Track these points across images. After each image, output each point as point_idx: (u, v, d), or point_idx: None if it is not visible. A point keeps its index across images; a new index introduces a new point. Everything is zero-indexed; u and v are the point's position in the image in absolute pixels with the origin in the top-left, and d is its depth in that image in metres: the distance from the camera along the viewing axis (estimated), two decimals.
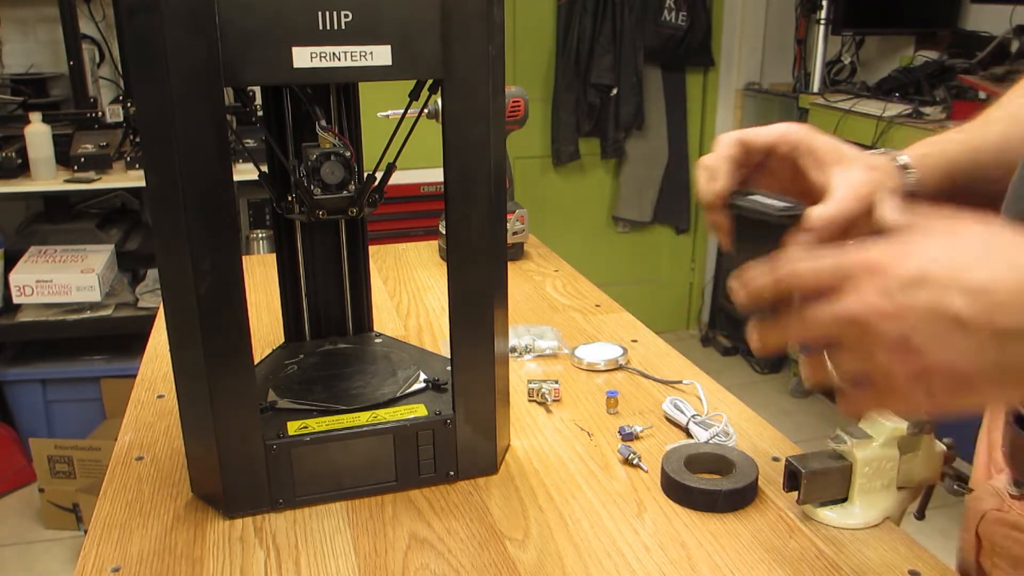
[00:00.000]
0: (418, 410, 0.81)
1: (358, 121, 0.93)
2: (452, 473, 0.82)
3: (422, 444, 0.80)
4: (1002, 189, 0.73)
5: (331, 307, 1.00)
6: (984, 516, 0.72)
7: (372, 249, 1.22)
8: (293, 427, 0.78)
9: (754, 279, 0.54)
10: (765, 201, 0.65)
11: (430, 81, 0.75)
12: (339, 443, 0.78)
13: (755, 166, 0.69)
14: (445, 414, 0.81)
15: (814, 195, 0.65)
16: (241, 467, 0.75)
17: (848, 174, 0.64)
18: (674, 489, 0.79)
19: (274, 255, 0.99)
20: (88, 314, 2.56)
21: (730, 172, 0.67)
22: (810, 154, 0.68)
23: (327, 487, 0.79)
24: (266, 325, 1.19)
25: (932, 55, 2.94)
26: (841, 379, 0.52)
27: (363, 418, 0.80)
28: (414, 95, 0.80)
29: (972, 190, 0.74)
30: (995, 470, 0.74)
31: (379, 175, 0.85)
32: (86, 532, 0.76)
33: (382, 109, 1.21)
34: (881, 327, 0.49)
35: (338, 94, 0.89)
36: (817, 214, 0.61)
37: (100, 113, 2.63)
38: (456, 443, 0.81)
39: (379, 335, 1.01)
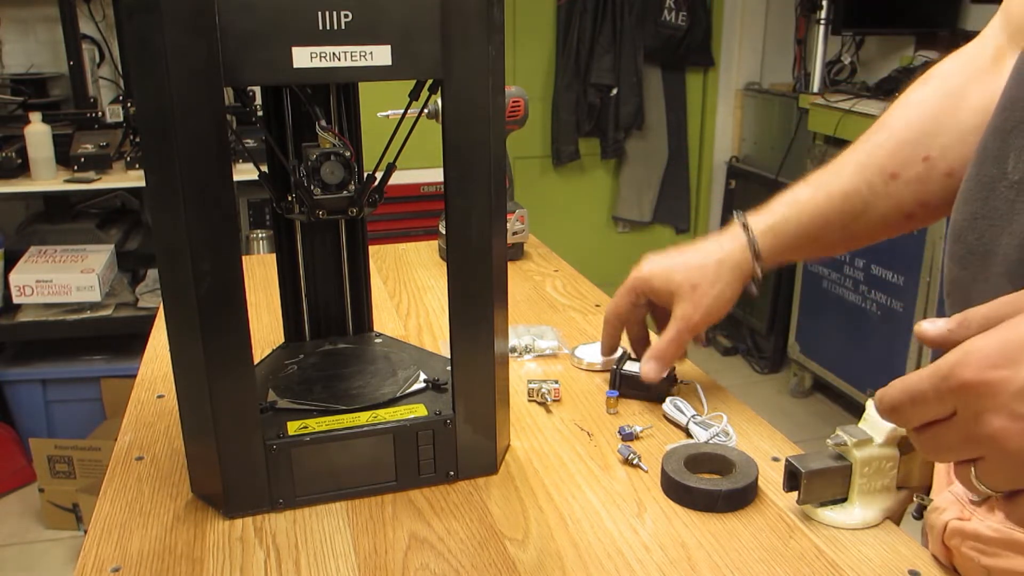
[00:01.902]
0: (418, 410, 0.81)
1: (358, 121, 0.93)
2: (452, 473, 0.82)
3: (422, 444, 0.80)
4: (853, 232, 0.85)
5: (331, 307, 1.00)
6: (947, 527, 0.69)
7: (372, 249, 1.22)
8: (293, 427, 0.78)
9: (878, 404, 0.52)
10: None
11: (430, 81, 0.75)
12: (339, 443, 0.78)
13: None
14: (445, 414, 0.81)
15: None
16: (241, 467, 0.75)
17: (675, 311, 0.90)
18: (674, 489, 0.79)
19: (274, 255, 0.99)
20: (88, 314, 2.56)
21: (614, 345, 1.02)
22: (657, 296, 0.92)
23: (327, 487, 0.79)
24: (266, 325, 1.19)
25: (932, 55, 2.94)
26: (995, 490, 0.49)
27: (363, 418, 0.80)
28: (414, 95, 0.80)
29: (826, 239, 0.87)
30: (954, 476, 0.73)
31: (379, 175, 0.85)
32: (86, 532, 0.76)
33: (382, 109, 1.21)
34: (1021, 446, 0.45)
35: (338, 94, 0.89)
36: (646, 371, 0.92)
37: (100, 113, 2.63)
38: (456, 443, 0.81)
39: (379, 335, 1.01)
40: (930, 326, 0.52)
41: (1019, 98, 0.63)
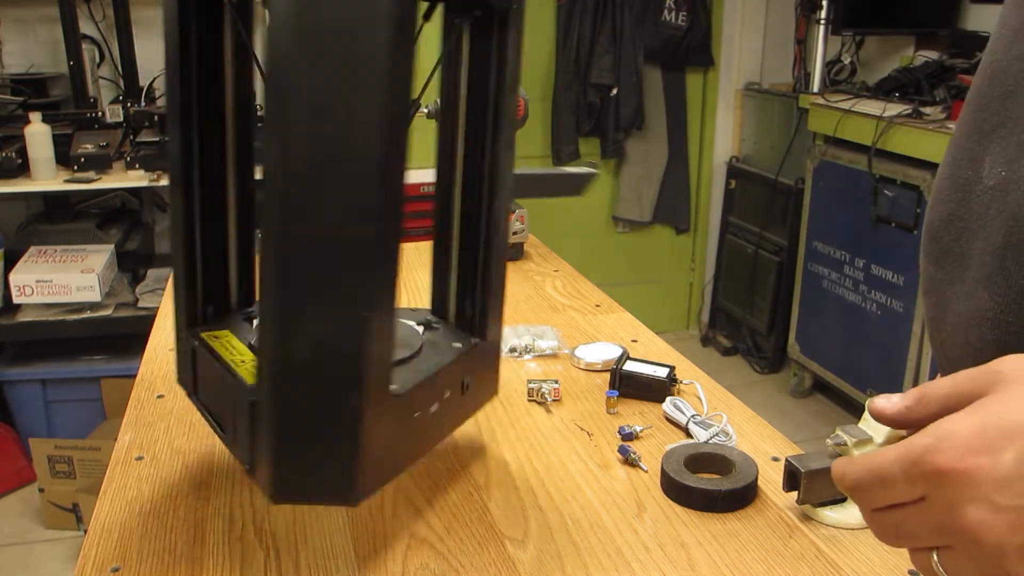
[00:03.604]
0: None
1: None
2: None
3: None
4: None
5: None
6: None
7: None
8: None
9: (838, 478, 0.49)
10: None
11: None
12: None
13: None
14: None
15: None
16: None
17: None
18: (674, 489, 0.79)
19: None
20: (88, 314, 2.56)
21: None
22: None
23: None
24: None
25: (932, 55, 2.94)
26: None
27: None
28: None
29: None
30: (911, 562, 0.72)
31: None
32: (86, 532, 0.76)
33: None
34: (1003, 541, 0.41)
35: None
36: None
37: (100, 113, 2.63)
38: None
39: None
40: (885, 402, 0.49)
41: (995, 98, 0.63)
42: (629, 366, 0.98)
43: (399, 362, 0.77)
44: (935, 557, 0.45)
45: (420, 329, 0.85)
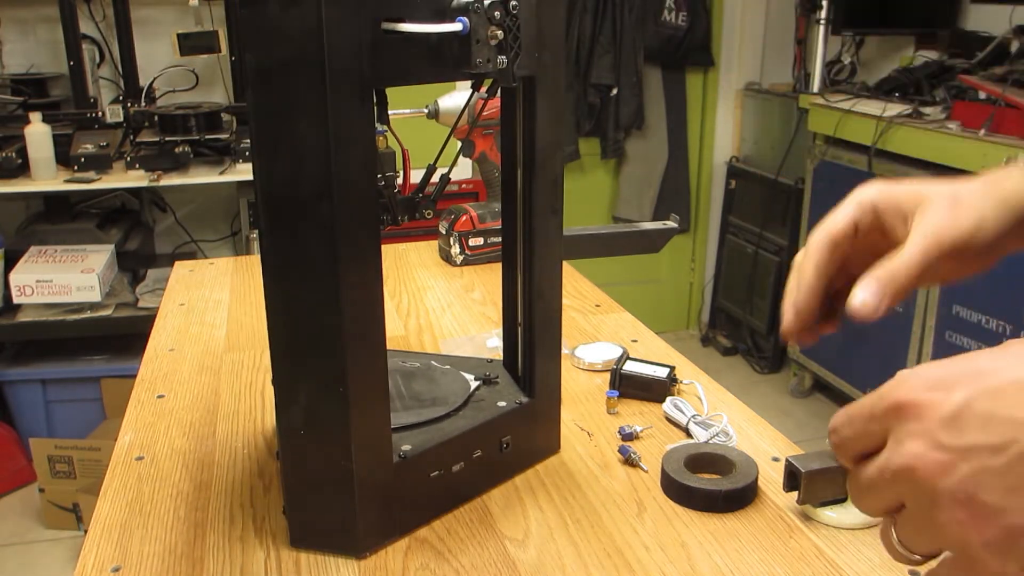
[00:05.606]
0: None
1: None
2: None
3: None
4: None
5: None
6: None
7: None
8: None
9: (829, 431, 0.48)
10: None
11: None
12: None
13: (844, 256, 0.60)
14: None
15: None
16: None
17: (922, 221, 0.55)
18: (674, 489, 0.79)
19: None
20: (88, 314, 2.56)
21: (816, 287, 0.59)
22: (891, 210, 0.59)
23: None
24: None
25: (932, 55, 2.94)
26: (916, 554, 0.43)
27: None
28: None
29: None
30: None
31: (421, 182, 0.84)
32: (86, 532, 0.76)
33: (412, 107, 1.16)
34: (934, 484, 0.39)
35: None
36: (863, 300, 0.52)
37: (100, 113, 2.63)
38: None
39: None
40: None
41: None
42: (629, 366, 0.98)
43: (428, 422, 0.79)
44: (893, 530, 0.43)
45: (474, 384, 0.86)
